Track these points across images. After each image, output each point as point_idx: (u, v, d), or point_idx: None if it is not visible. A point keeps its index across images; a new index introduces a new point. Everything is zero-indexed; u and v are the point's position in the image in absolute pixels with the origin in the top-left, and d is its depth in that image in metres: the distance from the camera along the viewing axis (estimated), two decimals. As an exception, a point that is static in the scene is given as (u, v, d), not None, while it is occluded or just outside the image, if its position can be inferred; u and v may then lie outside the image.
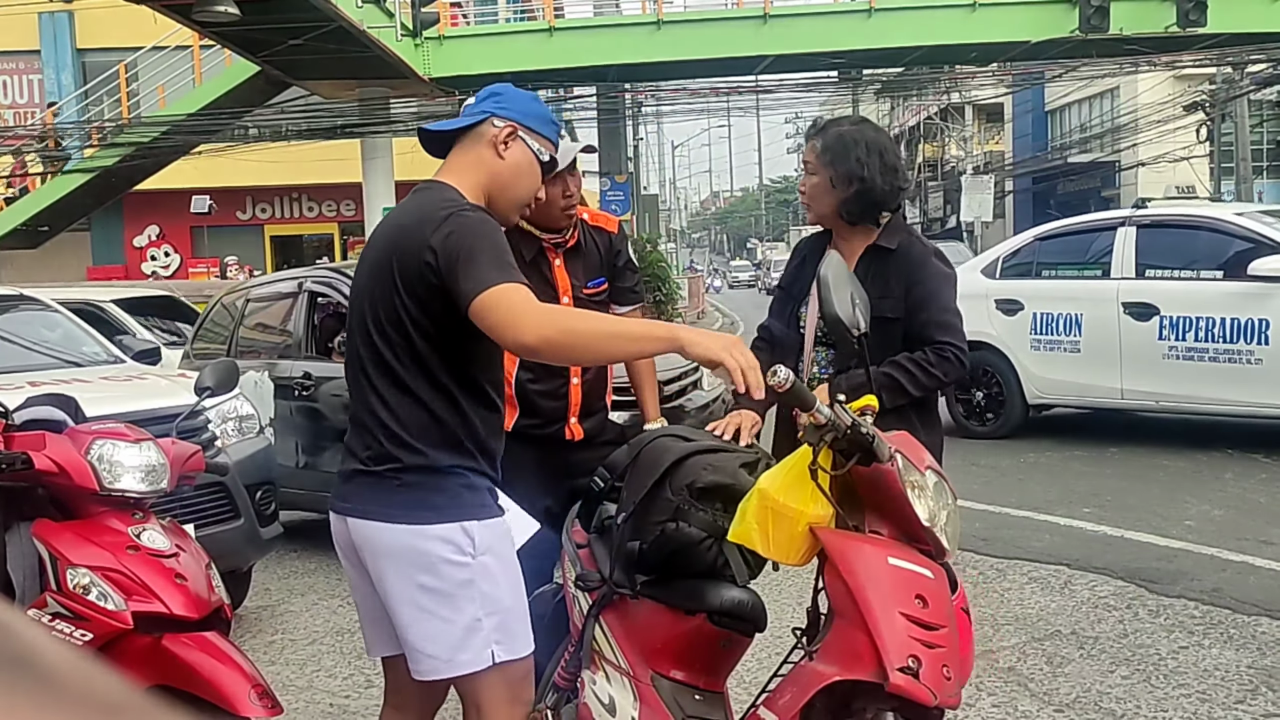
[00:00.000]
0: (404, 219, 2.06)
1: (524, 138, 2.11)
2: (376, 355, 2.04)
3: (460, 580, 2.00)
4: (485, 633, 2.02)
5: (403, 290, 1.98)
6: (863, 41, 18.50)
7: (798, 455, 1.99)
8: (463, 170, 2.10)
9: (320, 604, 5.14)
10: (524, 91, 2.19)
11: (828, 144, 2.59)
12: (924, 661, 1.78)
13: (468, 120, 2.13)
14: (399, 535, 2.01)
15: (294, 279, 6.68)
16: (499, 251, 1.93)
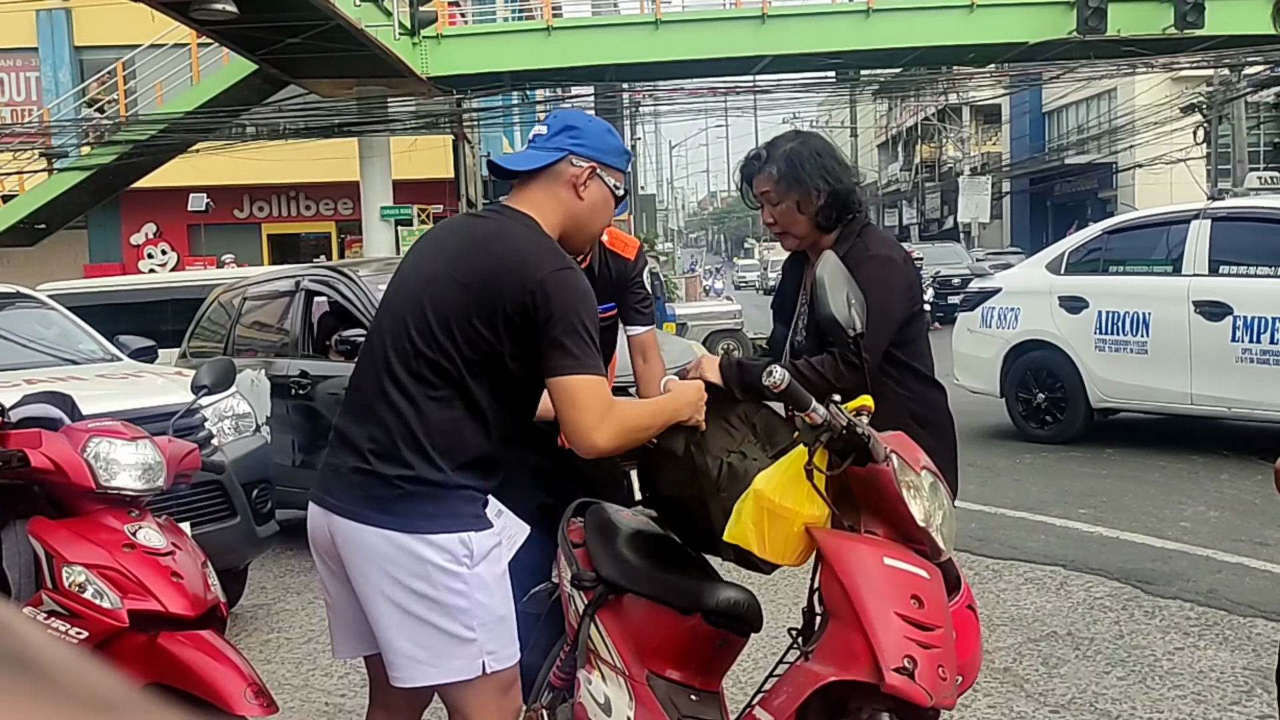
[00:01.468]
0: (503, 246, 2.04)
1: (601, 175, 2.12)
2: (419, 361, 2.00)
3: (454, 589, 1.99)
4: (478, 643, 2.01)
5: (483, 314, 1.98)
6: (860, 42, 18.52)
7: (793, 455, 2.00)
8: (542, 206, 2.10)
9: (316, 602, 5.13)
10: (599, 123, 2.18)
11: (781, 169, 2.56)
12: (920, 662, 1.78)
13: (546, 159, 2.10)
14: (393, 541, 1.98)
15: (291, 277, 6.67)
16: (594, 326, 1.99)
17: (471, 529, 2.02)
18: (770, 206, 2.61)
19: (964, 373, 8.24)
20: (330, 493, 2.06)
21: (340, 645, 2.23)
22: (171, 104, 17.30)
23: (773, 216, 2.62)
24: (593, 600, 2.47)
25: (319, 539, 2.10)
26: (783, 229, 2.62)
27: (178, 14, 13.11)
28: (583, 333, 1.97)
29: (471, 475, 2.02)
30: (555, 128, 2.13)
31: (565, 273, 1.99)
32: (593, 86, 21.58)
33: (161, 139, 17.18)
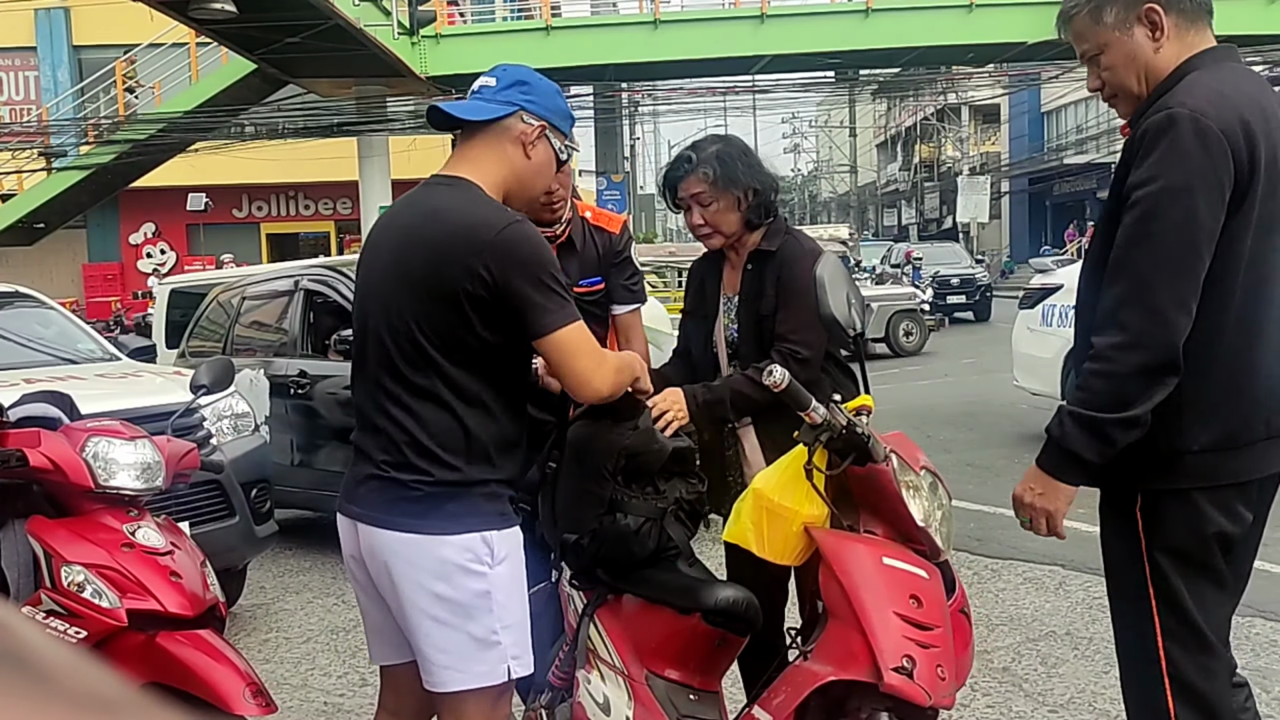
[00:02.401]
0: (441, 220, 1.96)
1: (549, 136, 2.05)
2: (399, 362, 1.96)
3: (477, 591, 1.95)
4: (503, 646, 1.97)
5: (444, 305, 1.91)
6: (860, 42, 18.51)
7: (793, 455, 2.00)
8: (486, 164, 2.01)
9: (315, 602, 5.14)
10: (548, 83, 2.09)
11: (716, 170, 2.59)
12: (918, 661, 1.78)
13: (498, 112, 2.02)
14: (416, 544, 1.95)
15: (290, 276, 6.67)
16: (556, 272, 1.96)
17: (493, 527, 1.97)
18: (700, 208, 2.64)
19: (1023, 373, 7.87)
20: (354, 501, 2.05)
21: (374, 651, 2.21)
22: (170, 103, 17.30)
23: (702, 218, 2.64)
24: (591, 600, 2.47)
25: (347, 547, 2.08)
26: (712, 229, 2.64)
27: (176, 13, 13.11)
28: (549, 281, 1.91)
29: (489, 465, 1.97)
30: (505, 81, 2.03)
31: (511, 228, 1.91)
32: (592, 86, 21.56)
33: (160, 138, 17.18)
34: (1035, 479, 1.87)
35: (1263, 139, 1.75)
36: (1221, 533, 1.84)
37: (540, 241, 1.97)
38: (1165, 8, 1.85)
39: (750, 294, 2.64)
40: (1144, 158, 1.77)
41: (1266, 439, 1.83)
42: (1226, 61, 1.86)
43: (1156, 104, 1.81)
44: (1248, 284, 1.78)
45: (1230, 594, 1.92)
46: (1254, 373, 1.81)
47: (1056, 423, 1.83)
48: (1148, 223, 1.74)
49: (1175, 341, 1.73)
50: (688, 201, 2.65)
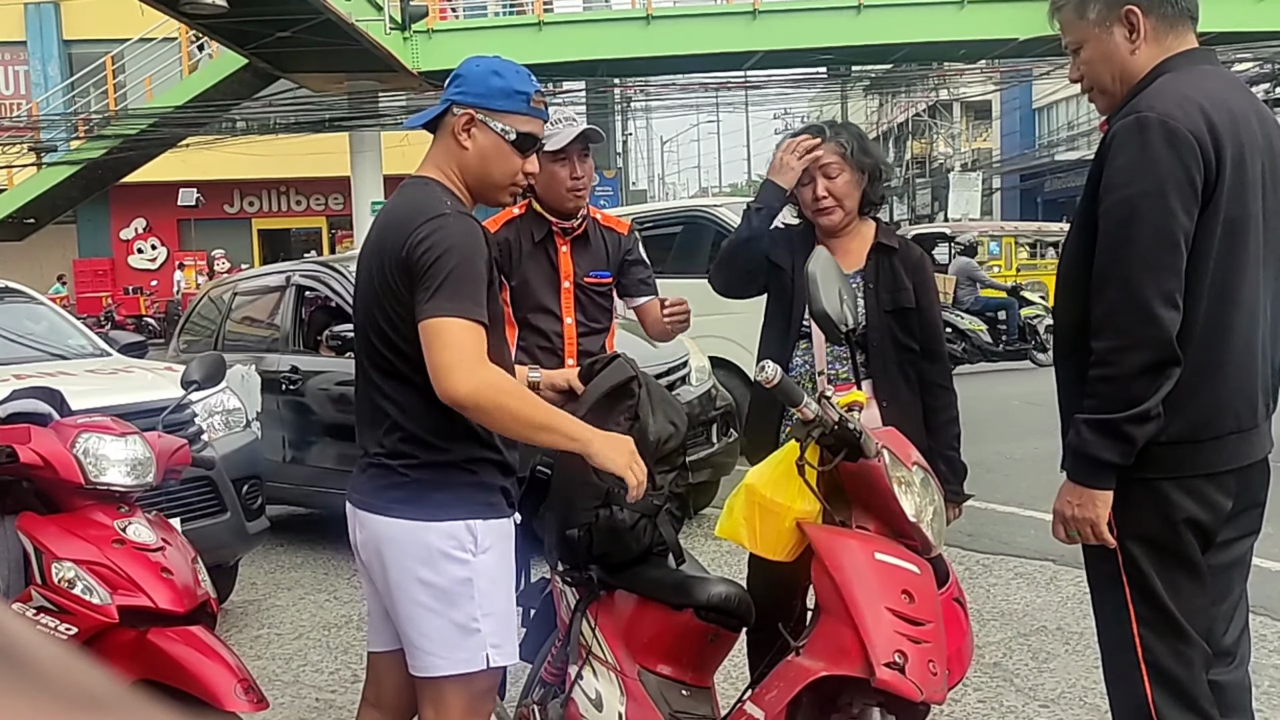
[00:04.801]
0: (392, 217, 2.04)
1: (485, 120, 2.03)
2: (379, 353, 2.03)
3: (460, 578, 1.99)
4: (483, 634, 2.01)
5: (391, 289, 1.96)
6: (851, 38, 18.52)
7: (785, 450, 2.00)
8: (440, 161, 2.07)
9: (307, 598, 5.13)
10: (485, 67, 2.07)
11: (849, 142, 2.60)
12: (910, 657, 1.78)
13: (433, 113, 2.08)
14: (402, 529, 2.01)
15: (281, 273, 6.65)
16: (467, 272, 1.91)
17: (479, 516, 2.01)
18: (826, 180, 2.61)
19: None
20: (354, 489, 2.11)
21: (370, 637, 2.25)
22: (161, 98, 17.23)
23: (827, 190, 2.60)
24: (584, 596, 2.47)
25: (351, 535, 2.13)
26: (835, 202, 2.61)
27: (167, 8, 13.06)
28: (460, 277, 1.89)
29: (477, 443, 2.01)
30: (450, 79, 2.08)
31: (439, 219, 1.92)
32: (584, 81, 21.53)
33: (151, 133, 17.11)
34: (1070, 492, 1.91)
35: (1229, 140, 1.79)
36: (1192, 520, 1.87)
37: (467, 239, 1.93)
38: (1145, 11, 1.88)
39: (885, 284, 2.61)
40: (1115, 161, 1.83)
41: (1236, 432, 1.87)
42: (1201, 64, 1.90)
43: (1127, 107, 1.85)
44: (1216, 282, 1.82)
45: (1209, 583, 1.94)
46: (1222, 368, 1.85)
47: (1074, 434, 1.87)
48: (1126, 227, 1.79)
49: (1169, 336, 1.77)
50: (813, 172, 2.62)
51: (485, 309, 1.93)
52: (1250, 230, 1.83)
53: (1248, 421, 1.89)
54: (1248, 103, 1.91)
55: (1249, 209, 1.82)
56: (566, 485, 2.36)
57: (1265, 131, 1.89)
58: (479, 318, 1.91)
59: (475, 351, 1.89)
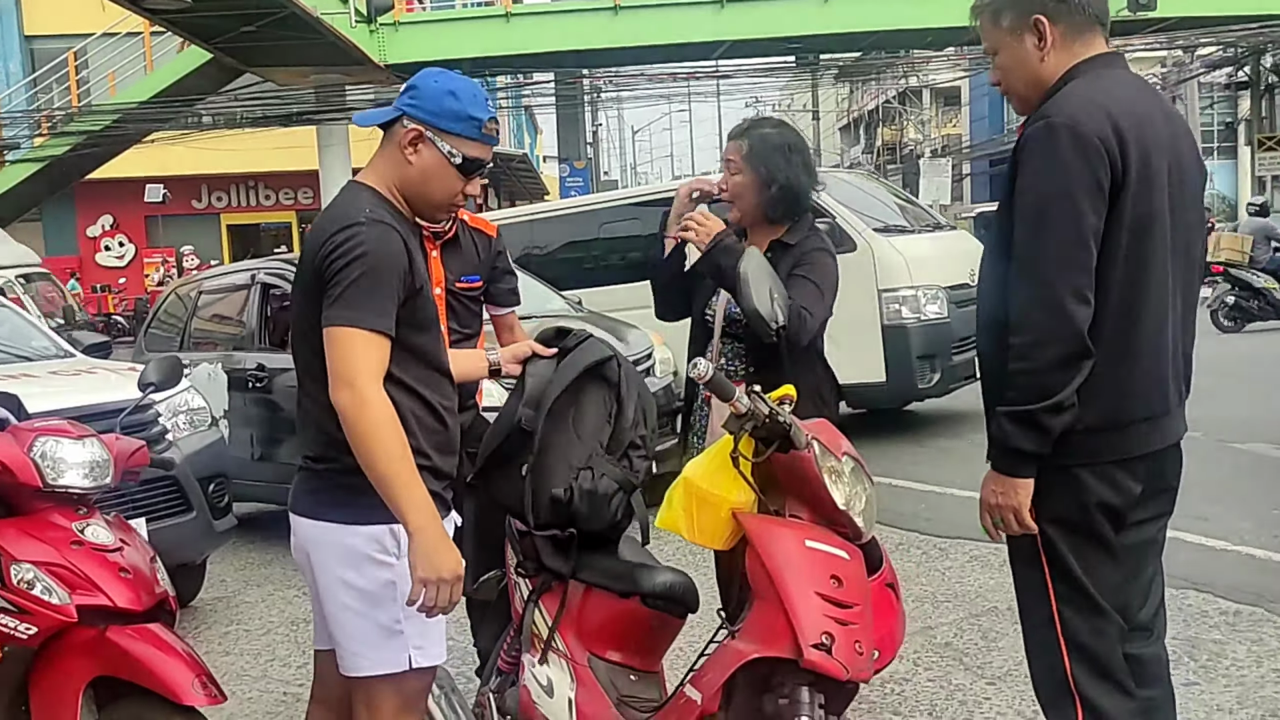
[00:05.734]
0: (317, 224, 2.06)
1: (433, 140, 2.03)
2: (304, 356, 2.07)
3: (382, 580, 2.03)
4: (405, 636, 2.05)
5: (311, 294, 1.99)
6: (819, 26, 18.59)
7: (721, 443, 2.08)
8: (381, 167, 2.09)
9: (276, 594, 5.17)
10: (442, 85, 2.06)
11: (754, 145, 2.69)
12: (837, 638, 1.87)
13: (383, 117, 2.08)
14: (327, 532, 2.06)
15: (247, 270, 6.67)
16: (373, 282, 1.92)
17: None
18: (730, 174, 2.76)
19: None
20: (291, 494, 2.16)
21: (316, 636, 2.30)
22: (125, 94, 17.08)
23: (728, 184, 2.76)
24: (536, 587, 2.54)
25: (292, 539, 2.18)
26: (734, 196, 2.76)
27: (129, 3, 12.96)
28: (364, 286, 1.90)
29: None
30: (406, 86, 2.08)
31: (352, 228, 1.94)
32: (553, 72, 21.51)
33: (115, 129, 16.97)
34: (993, 481, 2.00)
35: (1134, 142, 1.88)
36: (1104, 504, 1.97)
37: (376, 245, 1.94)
38: (1052, 20, 1.97)
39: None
40: (1026, 165, 1.92)
41: (1147, 419, 1.96)
42: (1109, 69, 1.99)
43: (1037, 112, 1.94)
44: (1124, 276, 1.91)
45: (1122, 561, 2.03)
46: (1133, 358, 1.93)
47: (996, 426, 1.96)
48: (1038, 228, 1.88)
49: (1080, 330, 1.86)
50: (725, 164, 2.77)
51: (391, 318, 1.94)
52: (1156, 227, 1.92)
53: (1159, 409, 1.98)
54: (1154, 105, 2.00)
55: (1155, 207, 1.91)
56: (551, 445, 2.41)
57: (1172, 132, 1.98)
58: (379, 328, 1.92)
59: (367, 365, 1.90)
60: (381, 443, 1.89)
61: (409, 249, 2.02)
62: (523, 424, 2.43)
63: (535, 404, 2.42)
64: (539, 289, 7.19)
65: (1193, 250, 2.02)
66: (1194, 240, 2.02)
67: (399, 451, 1.91)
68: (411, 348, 2.04)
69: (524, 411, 2.43)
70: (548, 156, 36.91)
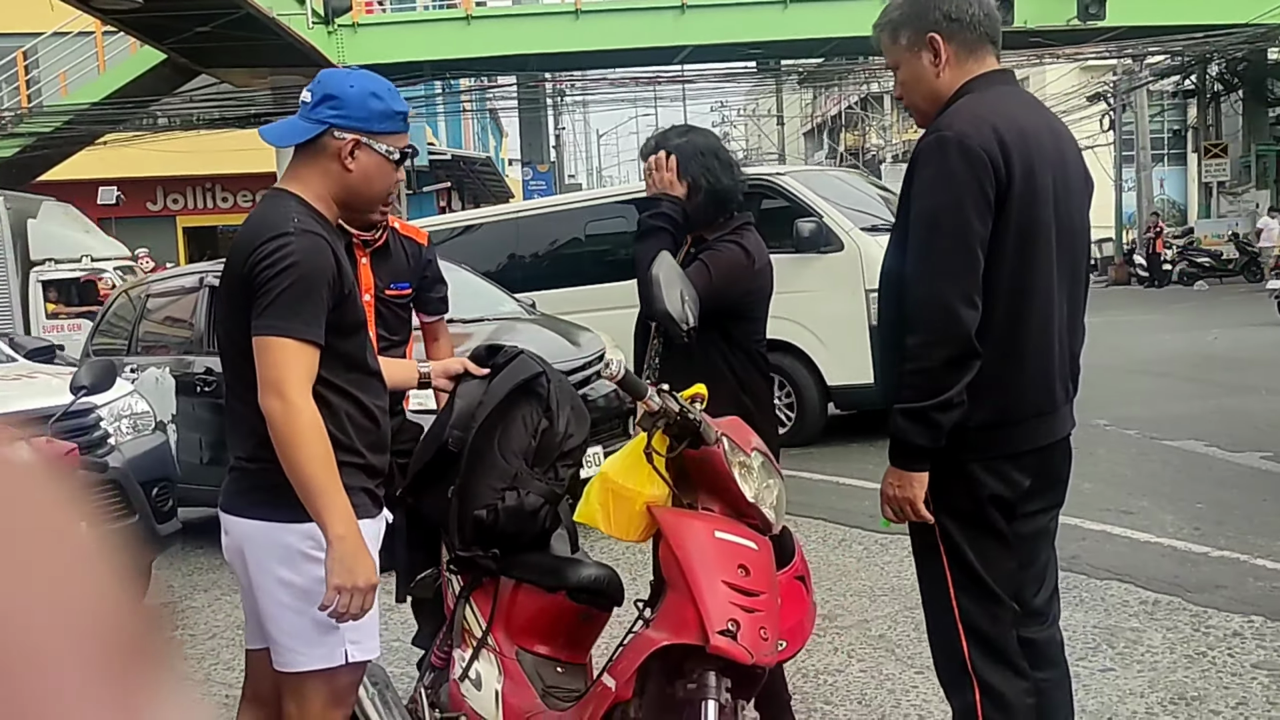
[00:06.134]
0: (243, 232, 2.10)
1: (369, 144, 2.09)
2: (234, 360, 2.10)
3: (318, 577, 2.06)
4: (341, 631, 2.09)
5: (239, 302, 2.03)
6: (780, 32, 18.78)
7: (636, 440, 2.15)
8: (309, 179, 2.12)
9: (223, 599, 5.18)
10: (363, 87, 2.11)
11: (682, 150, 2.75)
12: (742, 625, 1.94)
13: (308, 134, 2.10)
14: (262, 530, 2.09)
15: (195, 273, 6.66)
16: (302, 290, 1.96)
17: None
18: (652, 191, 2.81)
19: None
20: (222, 493, 2.20)
21: (246, 635, 2.34)
22: (77, 94, 16.90)
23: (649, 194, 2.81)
24: (468, 583, 2.59)
25: (225, 539, 2.21)
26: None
27: (79, 3, 12.83)
28: (293, 295, 1.95)
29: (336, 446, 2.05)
30: (317, 96, 2.09)
31: (281, 237, 1.97)
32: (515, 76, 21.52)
33: (67, 131, 16.78)
34: (891, 474, 2.10)
35: (1018, 155, 1.98)
36: (996, 496, 2.07)
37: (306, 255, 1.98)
38: (946, 38, 2.07)
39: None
40: (919, 175, 2.03)
41: (1036, 416, 2.07)
42: (999, 86, 2.10)
43: (930, 126, 2.03)
44: (1010, 281, 2.01)
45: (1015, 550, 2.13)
46: (1020, 359, 2.03)
47: (893, 422, 2.05)
48: (929, 235, 1.99)
49: (968, 332, 1.96)
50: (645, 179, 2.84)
51: (320, 327, 1.99)
52: (1041, 235, 2.02)
53: (1047, 406, 2.09)
54: (1040, 119, 2.11)
55: (1039, 216, 2.01)
56: (475, 467, 2.46)
57: (1058, 146, 2.09)
58: (309, 337, 1.97)
59: (296, 374, 1.95)
60: (307, 450, 1.94)
61: (336, 256, 2.07)
62: (450, 445, 2.48)
63: (463, 425, 2.47)
64: (492, 292, 7.23)
65: (1078, 257, 2.13)
66: (1079, 247, 2.13)
67: (324, 459, 1.96)
68: (341, 352, 2.08)
69: (452, 433, 2.48)
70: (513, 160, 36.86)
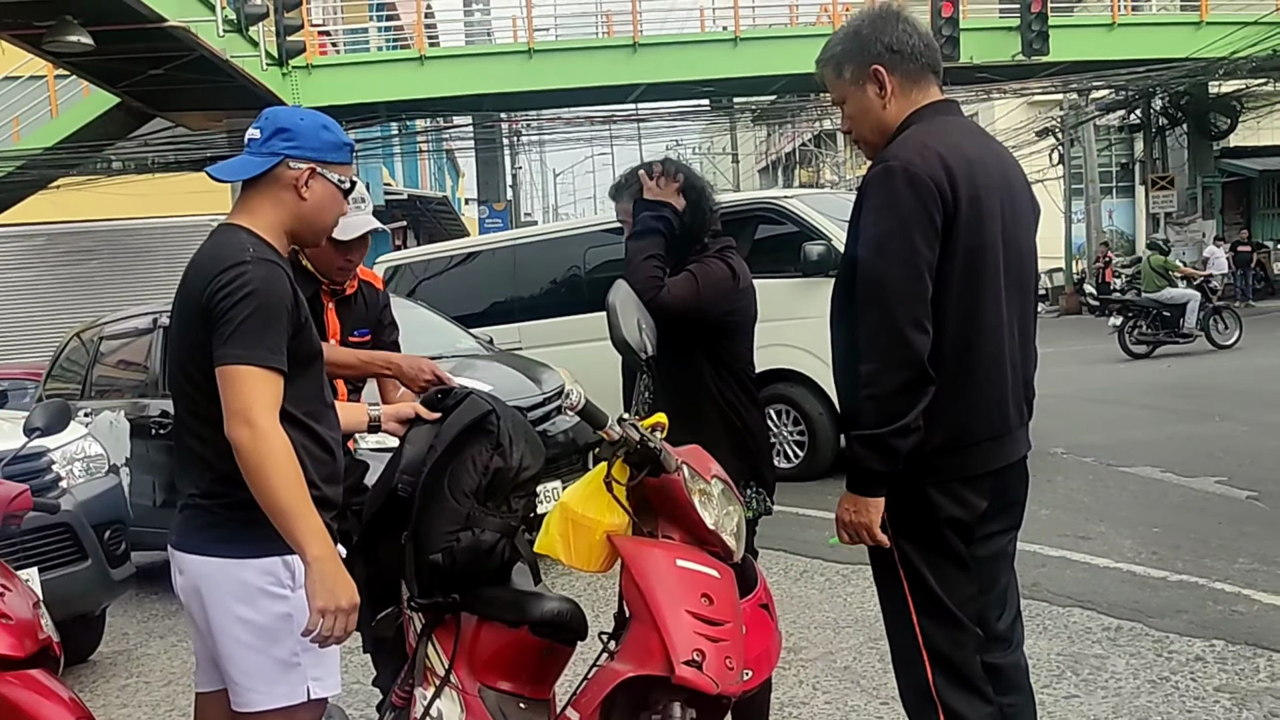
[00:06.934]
0: (196, 264, 2.09)
1: (323, 174, 2.13)
2: (190, 397, 2.08)
3: (278, 614, 2.05)
4: (303, 668, 2.07)
5: (195, 335, 2.02)
6: (730, 70, 19.06)
7: (596, 470, 2.15)
8: (261, 211, 2.13)
9: (179, 645, 5.07)
10: (313, 120, 2.17)
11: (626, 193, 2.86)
12: (708, 654, 1.94)
13: (263, 166, 2.12)
14: (219, 567, 2.06)
15: (149, 314, 6.58)
16: (264, 319, 1.97)
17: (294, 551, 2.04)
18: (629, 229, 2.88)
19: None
20: (173, 531, 2.16)
21: (197, 678, 2.29)
22: (30, 139, 16.71)
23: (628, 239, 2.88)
24: (429, 620, 2.57)
25: (173, 578, 2.17)
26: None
27: (30, 46, 12.72)
28: (256, 323, 1.95)
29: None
30: (268, 131, 2.14)
31: (239, 266, 1.99)
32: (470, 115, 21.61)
33: (19, 175, 16.56)
34: (847, 500, 2.11)
35: (964, 182, 2.02)
36: (953, 519, 2.08)
37: (266, 283, 1.99)
38: (889, 70, 2.11)
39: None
40: (867, 204, 2.06)
41: (991, 439, 2.09)
42: (943, 115, 2.14)
43: (878, 155, 2.07)
44: (960, 307, 2.04)
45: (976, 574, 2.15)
46: (973, 382, 2.06)
47: (849, 448, 2.07)
48: (879, 262, 2.01)
49: (920, 357, 1.98)
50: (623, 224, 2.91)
51: (283, 354, 1.99)
52: (988, 259, 2.06)
53: (1000, 428, 2.11)
54: (985, 147, 2.16)
55: (986, 241, 2.05)
56: (427, 512, 2.44)
57: (1003, 172, 2.14)
58: (273, 364, 1.96)
59: (262, 401, 1.94)
60: (279, 475, 1.93)
61: (292, 285, 2.07)
62: (399, 490, 2.46)
63: (414, 470, 2.44)
64: (450, 329, 7.22)
65: (1026, 280, 2.17)
66: (1027, 271, 2.17)
67: (296, 483, 1.95)
68: (298, 382, 2.07)
69: (401, 478, 2.46)
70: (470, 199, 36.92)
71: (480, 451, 2.44)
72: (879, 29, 2.14)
